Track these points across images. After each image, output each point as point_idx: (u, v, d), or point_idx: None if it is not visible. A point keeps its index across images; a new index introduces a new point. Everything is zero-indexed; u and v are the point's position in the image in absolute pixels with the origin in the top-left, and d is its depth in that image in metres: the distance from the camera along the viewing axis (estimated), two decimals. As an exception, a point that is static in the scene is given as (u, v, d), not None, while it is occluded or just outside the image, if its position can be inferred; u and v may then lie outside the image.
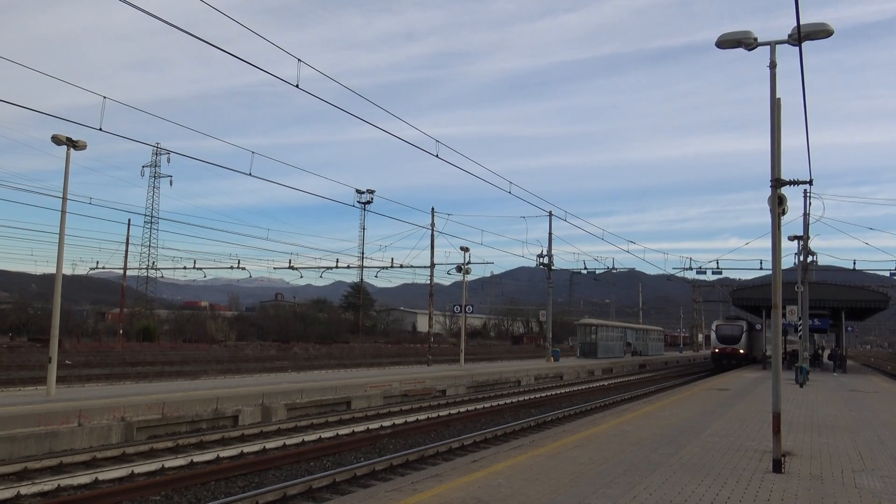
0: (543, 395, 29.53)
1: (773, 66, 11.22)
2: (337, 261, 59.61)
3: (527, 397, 27.98)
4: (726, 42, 11.53)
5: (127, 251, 61.73)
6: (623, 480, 9.15)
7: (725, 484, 9.19)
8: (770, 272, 12.00)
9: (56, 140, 19.04)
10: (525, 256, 74.02)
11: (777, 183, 11.19)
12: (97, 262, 66.78)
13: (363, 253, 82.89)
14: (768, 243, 12.30)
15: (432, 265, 41.86)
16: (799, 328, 35.89)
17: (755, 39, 11.37)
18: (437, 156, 21.44)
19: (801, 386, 29.00)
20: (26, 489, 10.69)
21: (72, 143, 19.19)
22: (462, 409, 23.12)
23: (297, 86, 14.68)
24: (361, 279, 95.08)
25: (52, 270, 21.82)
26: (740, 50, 11.53)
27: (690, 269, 57.37)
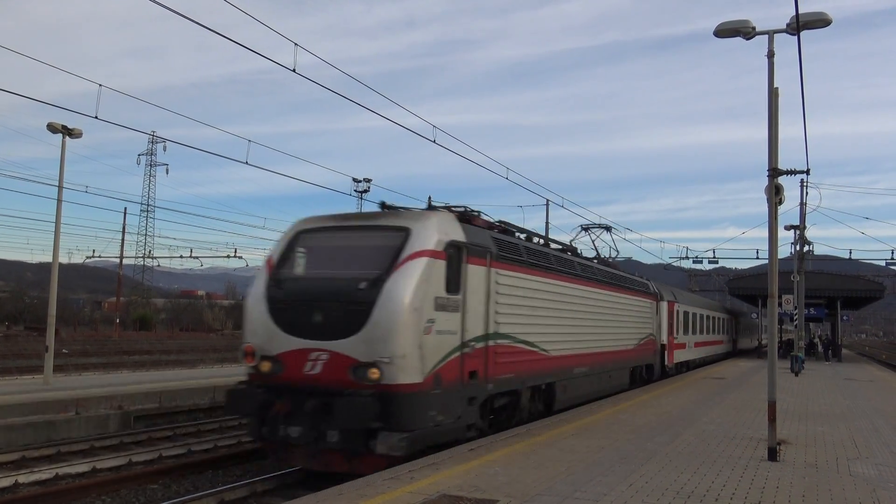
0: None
1: (770, 55, 11.20)
2: (333, 249, 59.32)
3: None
4: (724, 31, 11.50)
5: (123, 240, 61.59)
6: (619, 468, 9.19)
7: (721, 472, 9.24)
8: (766, 261, 12.03)
9: (51, 128, 18.96)
10: (522, 245, 73.98)
11: (774, 172, 11.19)
12: (93, 251, 66.57)
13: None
14: (765, 233, 12.35)
15: (429, 254, 41.53)
16: (795, 317, 36.00)
17: (753, 29, 11.33)
18: (434, 141, 21.34)
19: (797, 375, 29.12)
20: (24, 478, 10.71)
21: (67, 132, 19.11)
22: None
23: (293, 70, 14.58)
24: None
25: (48, 259, 21.75)
26: (741, 38, 11.50)
27: (687, 258, 57.31)
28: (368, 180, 77.33)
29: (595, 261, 20.67)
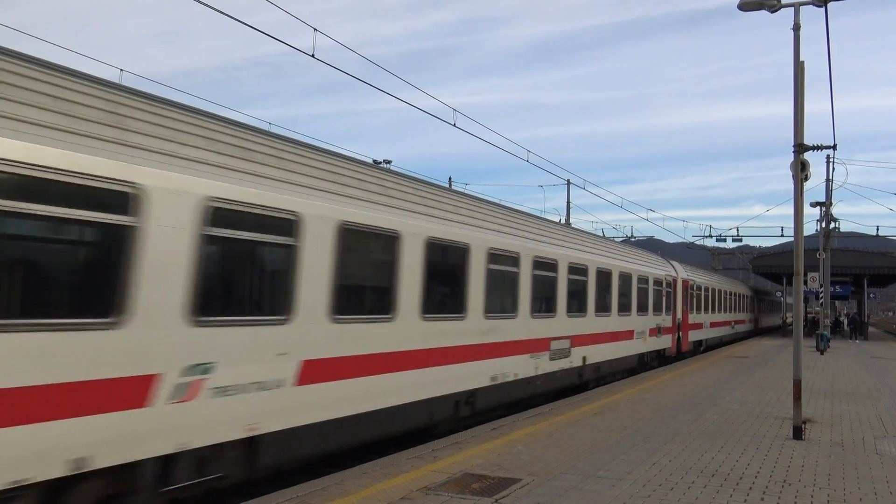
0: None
1: (796, 28, 10.99)
2: (354, 231, 59.45)
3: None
4: (748, 4, 11.30)
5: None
6: (642, 447, 9.20)
7: (745, 451, 9.21)
8: (791, 239, 11.88)
9: (75, 114, 19.10)
10: (543, 225, 73.62)
11: (800, 148, 11.03)
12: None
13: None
14: (790, 210, 12.24)
15: (449, 235, 41.45)
16: (821, 295, 35.59)
17: (778, 1, 11.12)
18: (454, 125, 21.28)
19: (822, 353, 28.85)
20: None
21: (90, 117, 19.23)
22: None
23: (312, 55, 14.57)
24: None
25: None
26: (767, 12, 11.30)
27: (710, 236, 56.61)
28: (389, 161, 77.40)
29: None
